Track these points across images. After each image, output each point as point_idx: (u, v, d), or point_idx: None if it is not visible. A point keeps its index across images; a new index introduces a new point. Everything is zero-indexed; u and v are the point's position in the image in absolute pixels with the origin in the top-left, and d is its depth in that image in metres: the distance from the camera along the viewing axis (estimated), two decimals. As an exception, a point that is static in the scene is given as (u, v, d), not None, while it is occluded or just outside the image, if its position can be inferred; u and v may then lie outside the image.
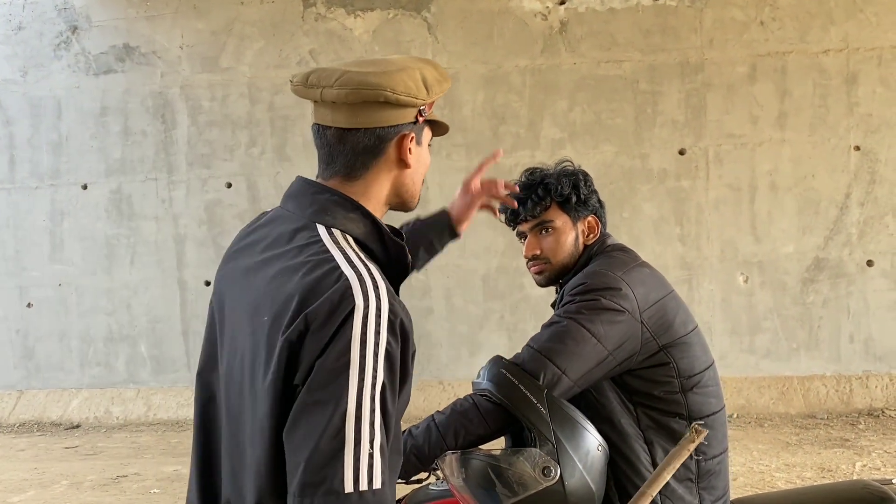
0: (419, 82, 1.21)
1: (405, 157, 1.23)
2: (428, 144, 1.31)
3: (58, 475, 5.15)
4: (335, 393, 1.01)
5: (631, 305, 1.58)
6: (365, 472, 1.00)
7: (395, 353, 1.06)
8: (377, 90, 1.17)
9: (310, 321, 1.04)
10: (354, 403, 1.01)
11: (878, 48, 5.97)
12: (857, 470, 4.53)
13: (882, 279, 5.99)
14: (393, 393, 1.05)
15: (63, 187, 6.87)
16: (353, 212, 1.18)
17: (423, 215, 1.86)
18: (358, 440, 1.01)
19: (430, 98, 1.23)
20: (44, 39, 6.89)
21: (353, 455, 1.00)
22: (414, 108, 1.22)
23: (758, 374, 6.05)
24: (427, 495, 1.78)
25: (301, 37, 6.59)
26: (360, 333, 1.03)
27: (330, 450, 1.00)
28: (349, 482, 1.00)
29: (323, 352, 1.03)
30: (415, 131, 1.24)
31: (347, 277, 1.07)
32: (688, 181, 6.17)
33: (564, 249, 1.80)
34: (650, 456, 1.57)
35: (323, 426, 1.01)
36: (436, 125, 1.33)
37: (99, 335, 6.85)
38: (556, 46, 6.30)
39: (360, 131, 1.20)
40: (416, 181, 1.28)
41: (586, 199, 1.81)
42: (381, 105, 1.19)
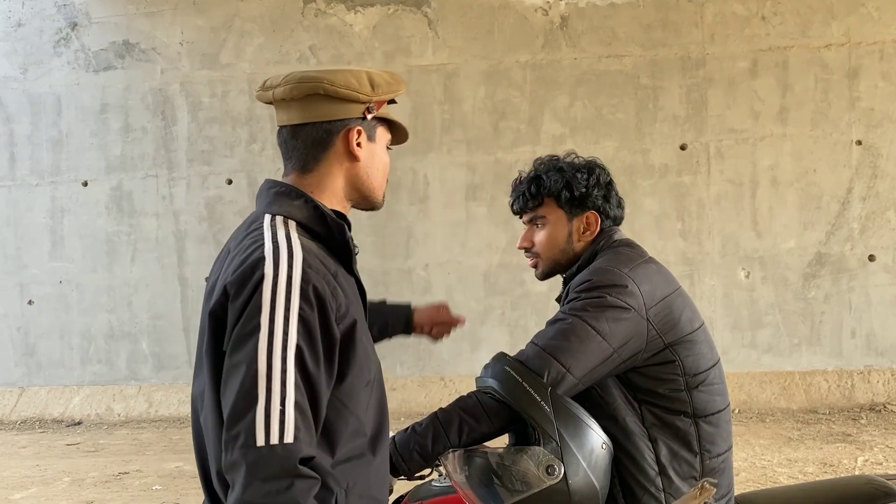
0: (362, 78, 1.31)
1: (353, 149, 1.32)
2: (387, 147, 1.41)
3: (60, 472, 5.15)
4: (247, 355, 1.11)
5: (637, 303, 1.57)
6: (276, 426, 1.08)
7: (311, 318, 1.14)
8: (315, 82, 1.28)
9: (228, 292, 1.17)
10: (265, 364, 1.10)
11: (879, 42, 5.96)
12: (858, 465, 4.53)
13: (884, 274, 5.99)
14: (314, 355, 1.14)
15: (63, 184, 6.86)
16: (296, 199, 1.29)
17: (390, 301, 1.95)
18: (269, 398, 1.09)
19: (377, 95, 1.32)
20: (43, 36, 6.88)
21: (265, 411, 1.08)
22: (359, 104, 1.31)
23: (759, 370, 6.05)
24: (429, 491, 1.78)
25: (301, 33, 6.58)
26: (269, 299, 1.13)
27: (243, 407, 1.09)
28: (261, 436, 1.07)
29: (238, 319, 1.14)
30: (364, 127, 1.33)
31: (263, 251, 1.18)
32: (689, 176, 6.16)
33: (555, 245, 1.79)
34: (654, 454, 1.56)
35: (237, 386, 1.10)
36: (395, 131, 1.42)
37: (100, 332, 6.84)
38: (556, 41, 6.29)
39: (308, 126, 1.31)
40: (372, 176, 1.37)
41: (583, 197, 1.76)
42: (325, 99, 1.29)
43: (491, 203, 6.36)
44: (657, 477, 1.56)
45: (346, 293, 1.25)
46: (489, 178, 6.37)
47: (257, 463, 1.07)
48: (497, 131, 6.36)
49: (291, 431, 1.09)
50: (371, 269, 6.48)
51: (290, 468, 1.08)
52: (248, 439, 1.08)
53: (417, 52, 6.46)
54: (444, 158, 6.42)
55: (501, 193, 6.32)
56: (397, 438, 1.59)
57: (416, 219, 6.48)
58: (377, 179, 1.38)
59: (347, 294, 1.25)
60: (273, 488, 1.07)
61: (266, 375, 1.10)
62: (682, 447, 1.58)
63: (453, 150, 6.42)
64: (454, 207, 6.43)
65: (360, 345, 1.25)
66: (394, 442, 1.58)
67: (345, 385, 1.23)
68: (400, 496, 1.83)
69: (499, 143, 6.37)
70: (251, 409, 1.09)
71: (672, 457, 1.57)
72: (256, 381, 1.10)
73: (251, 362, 1.11)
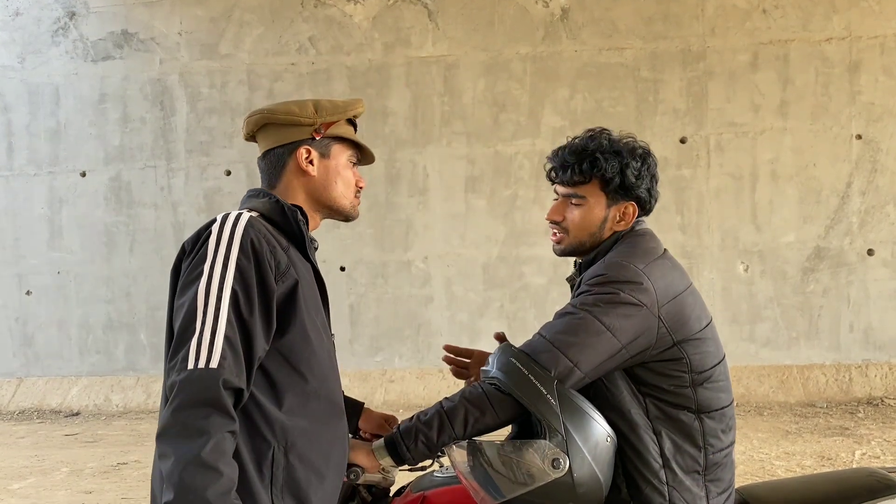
0: (306, 106, 1.53)
1: (304, 166, 1.53)
2: (352, 163, 1.59)
3: (58, 462, 5.15)
4: (190, 296, 1.32)
5: (650, 300, 1.55)
6: (205, 353, 1.27)
7: (246, 268, 1.34)
8: (261, 115, 1.55)
9: (184, 249, 1.41)
10: (202, 302, 1.30)
11: (880, 36, 5.95)
12: (856, 458, 4.55)
13: (882, 268, 5.99)
14: (248, 300, 1.33)
15: (62, 175, 6.84)
16: (263, 197, 1.52)
17: (347, 395, 1.88)
18: (202, 330, 1.29)
19: (321, 118, 1.52)
20: (41, 25, 6.84)
21: (197, 341, 1.28)
22: (306, 127, 1.52)
23: (757, 363, 6.06)
24: (432, 482, 1.78)
25: (300, 23, 6.55)
26: (213, 250, 1.35)
27: (182, 339, 1.30)
28: (191, 361, 1.27)
29: (187, 268, 1.37)
30: (314, 146, 1.54)
31: (216, 219, 1.40)
32: (689, 170, 6.15)
33: (587, 227, 1.70)
34: (658, 447, 1.56)
35: (180, 321, 1.32)
36: (361, 151, 1.61)
37: (98, 323, 6.84)
38: (557, 34, 6.27)
39: (269, 152, 1.56)
40: (331, 189, 1.56)
41: (631, 186, 1.69)
42: (274, 127, 1.54)
43: (490, 195, 6.36)
44: (661, 470, 1.56)
45: (295, 265, 1.43)
46: (489, 170, 6.36)
47: (186, 381, 1.26)
48: (497, 124, 6.35)
49: (217, 359, 1.27)
50: (370, 261, 6.48)
51: (213, 390, 1.25)
52: (183, 363, 1.27)
53: (417, 44, 6.44)
54: (444, 151, 6.41)
55: (501, 186, 6.32)
56: (402, 427, 1.59)
57: (415, 211, 6.47)
58: (337, 191, 1.56)
59: (295, 265, 1.43)
60: (192, 413, 1.24)
61: (202, 311, 1.30)
62: (685, 441, 1.57)
63: (453, 142, 6.41)
64: (454, 200, 6.43)
65: (302, 310, 1.41)
66: (398, 430, 1.58)
67: (285, 340, 1.39)
68: (402, 486, 1.83)
69: (499, 136, 6.36)
70: (189, 340, 1.29)
71: (676, 450, 1.57)
72: (195, 317, 1.30)
73: (192, 301, 1.31)
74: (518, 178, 6.28)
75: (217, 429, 1.25)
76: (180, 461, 1.22)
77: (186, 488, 1.21)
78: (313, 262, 1.51)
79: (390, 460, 1.58)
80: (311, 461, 1.41)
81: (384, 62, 6.47)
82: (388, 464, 1.59)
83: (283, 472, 1.37)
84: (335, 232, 6.47)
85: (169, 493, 1.22)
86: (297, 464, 1.39)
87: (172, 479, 1.22)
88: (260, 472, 1.36)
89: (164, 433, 1.26)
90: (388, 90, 6.48)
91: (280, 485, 1.37)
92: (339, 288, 6.45)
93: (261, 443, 1.36)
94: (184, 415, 1.25)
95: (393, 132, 6.47)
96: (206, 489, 1.21)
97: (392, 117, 6.47)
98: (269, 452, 1.36)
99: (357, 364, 6.43)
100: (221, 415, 1.26)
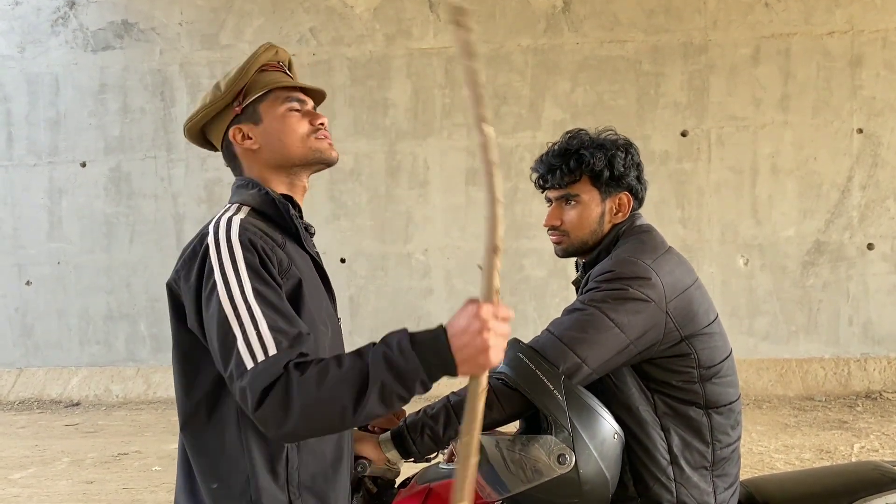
0: (214, 89, 1.48)
1: (244, 145, 1.45)
2: (294, 109, 1.47)
3: (59, 452, 5.16)
4: (215, 309, 1.24)
5: (658, 295, 1.55)
6: (258, 348, 1.19)
7: (254, 262, 1.28)
8: (188, 123, 1.51)
9: (180, 269, 1.33)
10: (230, 309, 1.22)
11: (882, 30, 5.94)
12: (855, 452, 4.56)
13: (882, 263, 6.00)
14: (268, 287, 1.26)
15: (61, 165, 6.83)
16: (252, 188, 1.43)
17: None
18: (244, 332, 1.20)
19: (230, 91, 1.46)
20: (41, 15, 6.81)
21: (244, 342, 1.19)
22: (225, 111, 1.46)
23: (756, 357, 6.07)
24: (437, 474, 1.78)
25: (301, 14, 6.53)
26: (216, 260, 1.27)
27: (226, 352, 1.21)
28: (248, 360, 1.18)
29: (198, 289, 1.28)
30: (241, 121, 1.46)
31: (208, 228, 1.33)
32: (689, 163, 6.15)
33: (587, 225, 1.72)
34: (666, 443, 1.56)
35: (216, 338, 1.23)
36: (303, 93, 1.51)
37: (98, 313, 6.84)
38: (558, 26, 6.25)
39: (221, 150, 1.51)
40: (284, 147, 1.44)
41: (620, 176, 1.71)
42: (208, 127, 1.50)
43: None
44: (669, 466, 1.56)
45: (294, 260, 1.37)
46: (489, 162, 6.34)
47: (254, 378, 1.17)
48: (498, 116, 6.34)
49: (273, 345, 1.19)
50: (370, 253, 6.48)
51: (282, 366, 1.17)
52: (239, 369, 1.19)
53: (418, 35, 6.42)
54: (445, 143, 6.40)
55: (501, 178, 6.30)
56: (408, 421, 1.59)
57: (415, 203, 6.47)
58: (287, 147, 1.44)
59: (295, 261, 1.37)
60: (280, 388, 1.15)
61: (235, 316, 1.22)
62: (694, 437, 1.58)
63: (454, 134, 6.40)
64: (454, 192, 6.42)
65: (309, 308, 1.35)
66: (405, 424, 1.59)
67: None
68: (407, 478, 1.84)
69: (499, 128, 6.34)
70: (233, 349, 1.20)
71: (684, 446, 1.57)
72: (229, 326, 1.22)
73: (219, 312, 1.23)
74: (519, 171, 6.27)
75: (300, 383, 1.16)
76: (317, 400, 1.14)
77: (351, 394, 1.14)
78: (311, 252, 1.46)
79: (396, 453, 1.59)
80: (324, 455, 1.39)
81: (385, 53, 6.45)
82: (394, 456, 1.60)
83: (297, 470, 1.34)
84: (335, 224, 6.46)
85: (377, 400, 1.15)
86: (311, 460, 1.37)
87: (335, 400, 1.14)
88: (274, 473, 1.32)
89: (276, 422, 1.16)
90: (389, 82, 6.46)
91: (297, 482, 1.34)
92: (339, 280, 6.45)
93: (275, 445, 1.32)
94: (273, 398, 1.15)
95: (394, 124, 6.46)
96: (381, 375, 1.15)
97: (393, 109, 6.46)
98: (283, 453, 1.33)
99: (357, 356, 6.42)
100: (293, 370, 1.18)
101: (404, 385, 1.16)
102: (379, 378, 1.15)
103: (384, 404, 1.16)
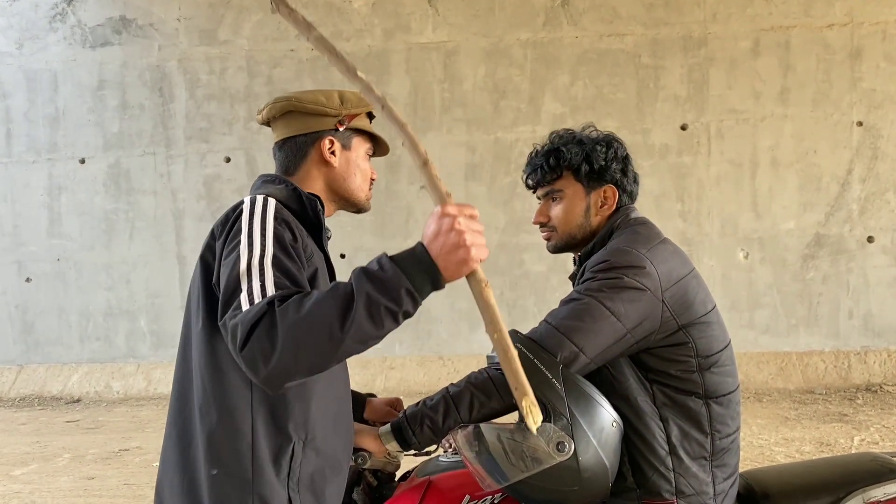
0: (332, 97, 1.53)
1: (327, 157, 1.52)
2: (368, 155, 1.60)
3: (60, 448, 5.17)
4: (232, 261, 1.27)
5: (653, 284, 1.55)
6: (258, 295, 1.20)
7: (283, 235, 1.31)
8: (287, 101, 1.52)
9: (214, 233, 1.36)
10: (245, 267, 1.24)
11: (882, 22, 5.93)
12: (855, 444, 4.57)
13: (882, 255, 6.00)
14: (290, 259, 1.28)
15: (60, 161, 6.82)
16: (279, 184, 1.49)
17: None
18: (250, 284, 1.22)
19: (346, 109, 1.52)
20: (39, 11, 6.80)
21: (247, 292, 1.21)
22: (330, 118, 1.52)
23: (757, 350, 6.07)
24: (437, 466, 1.79)
25: (299, 9, 6.32)
26: (247, 223, 1.31)
27: (229, 298, 1.23)
28: (245, 303, 1.20)
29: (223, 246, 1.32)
30: (337, 137, 1.53)
31: (243, 201, 1.37)
32: (689, 157, 6.15)
33: (572, 220, 1.76)
34: (665, 433, 1.56)
35: (224, 285, 1.25)
36: (376, 142, 1.62)
37: (98, 310, 6.84)
38: (557, 19, 6.24)
39: (289, 139, 1.53)
40: (349, 181, 1.55)
41: (602, 170, 1.75)
42: (299, 115, 1.52)
43: (490, 183, 6.35)
44: (667, 456, 1.56)
45: (313, 253, 1.41)
46: (489, 157, 6.35)
47: (245, 315, 1.18)
48: (497, 110, 6.33)
49: (272, 291, 1.21)
50: (370, 249, 6.47)
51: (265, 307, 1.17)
52: (235, 312, 1.21)
53: (417, 30, 6.41)
54: (444, 138, 6.39)
55: (501, 173, 6.30)
56: (408, 412, 1.60)
57: (415, 198, 6.46)
58: (355, 183, 1.57)
59: (313, 253, 1.42)
60: (261, 330, 1.15)
61: (247, 274, 1.23)
62: (693, 427, 1.58)
63: (453, 129, 6.39)
64: (453, 187, 6.41)
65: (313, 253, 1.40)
66: (404, 415, 1.59)
67: None
68: (408, 471, 1.84)
69: (499, 123, 6.34)
70: (238, 296, 1.22)
71: (683, 437, 1.57)
72: (239, 280, 1.23)
73: (234, 265, 1.26)
74: (518, 166, 6.26)
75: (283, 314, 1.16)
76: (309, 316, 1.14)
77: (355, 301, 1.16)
78: (326, 251, 1.53)
79: (396, 445, 1.59)
80: (326, 453, 1.42)
81: (384, 48, 6.44)
82: (394, 448, 1.60)
83: (300, 466, 1.37)
84: (335, 219, 6.41)
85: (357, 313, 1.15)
86: (314, 457, 1.39)
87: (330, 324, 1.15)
88: (277, 466, 1.34)
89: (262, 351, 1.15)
90: (388, 77, 6.45)
91: (297, 479, 1.36)
92: (340, 276, 6.37)
93: (283, 439, 1.35)
94: (260, 331, 1.15)
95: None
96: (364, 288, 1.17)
97: (392, 104, 6.41)
98: (290, 447, 1.35)
99: (357, 351, 6.43)
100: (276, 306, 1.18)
101: (389, 296, 1.19)
102: (363, 291, 1.17)
103: (372, 320, 1.17)
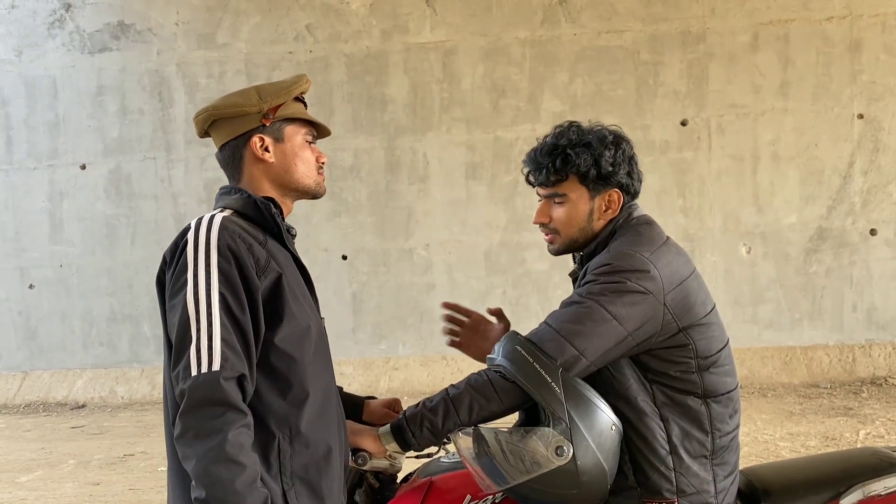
0: (249, 94, 1.54)
1: (260, 155, 1.53)
2: (308, 141, 1.59)
3: (65, 454, 5.18)
4: (179, 307, 1.36)
5: (656, 287, 1.54)
6: (205, 358, 1.31)
7: (229, 270, 1.37)
8: (206, 113, 1.55)
9: (165, 260, 1.45)
10: (194, 310, 1.34)
11: (881, 14, 5.91)
12: (860, 438, 4.56)
13: (885, 248, 5.98)
14: (238, 301, 1.36)
15: (61, 168, 6.83)
16: (234, 194, 1.54)
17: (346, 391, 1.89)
18: (198, 337, 1.32)
19: (267, 103, 1.52)
20: (37, 18, 6.81)
21: (195, 348, 1.32)
22: (252, 115, 1.52)
23: (761, 345, 6.06)
24: (438, 467, 1.79)
25: (297, 11, 6.51)
26: (192, 258, 1.38)
27: (181, 348, 1.34)
28: (194, 367, 1.31)
29: (171, 278, 1.41)
30: (266, 133, 1.54)
31: (190, 225, 1.43)
32: (690, 152, 6.13)
33: (575, 223, 1.72)
34: (666, 433, 1.56)
35: (175, 331, 1.36)
36: (316, 128, 1.62)
37: (101, 315, 6.85)
38: (556, 17, 6.23)
39: (223, 147, 1.57)
40: (292, 171, 1.56)
41: (609, 175, 1.68)
42: (223, 122, 1.54)
43: (491, 182, 6.34)
44: (668, 456, 1.56)
45: (275, 256, 1.46)
46: (489, 156, 6.34)
47: (193, 386, 1.30)
48: (496, 109, 6.33)
49: (219, 360, 1.31)
50: (371, 249, 6.47)
51: (221, 389, 1.30)
52: (186, 372, 1.31)
53: (415, 30, 6.40)
54: (444, 137, 6.39)
55: (501, 172, 6.30)
56: (408, 413, 1.59)
57: (415, 198, 6.46)
58: (298, 172, 1.57)
59: (276, 257, 1.46)
60: (206, 414, 1.29)
61: (195, 319, 1.33)
62: (693, 426, 1.58)
63: (452, 128, 6.39)
64: (454, 186, 6.41)
65: (289, 300, 1.44)
66: (404, 416, 1.59)
67: (279, 331, 1.42)
68: (409, 473, 1.84)
69: (498, 122, 6.34)
70: (187, 348, 1.32)
71: (684, 436, 1.57)
72: (188, 326, 1.33)
73: (183, 310, 1.35)
74: (518, 164, 6.21)
75: (231, 424, 1.29)
76: (203, 459, 1.28)
77: (214, 483, 1.26)
78: (292, 250, 1.55)
79: (396, 446, 1.59)
80: (317, 445, 1.45)
81: (382, 49, 6.44)
82: (393, 449, 1.60)
83: (289, 460, 1.41)
84: (336, 221, 6.46)
85: (199, 490, 1.28)
86: (303, 450, 1.42)
87: (200, 478, 1.28)
88: (267, 463, 1.39)
89: (182, 436, 1.30)
90: (387, 77, 6.45)
91: (289, 472, 1.41)
92: (341, 277, 6.45)
93: (266, 435, 1.39)
94: (197, 417, 1.29)
95: (392, 119, 6.45)
96: (234, 481, 1.27)
97: (391, 104, 6.45)
98: (275, 443, 1.40)
99: (360, 352, 6.44)
100: (233, 411, 1.30)
101: None
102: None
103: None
